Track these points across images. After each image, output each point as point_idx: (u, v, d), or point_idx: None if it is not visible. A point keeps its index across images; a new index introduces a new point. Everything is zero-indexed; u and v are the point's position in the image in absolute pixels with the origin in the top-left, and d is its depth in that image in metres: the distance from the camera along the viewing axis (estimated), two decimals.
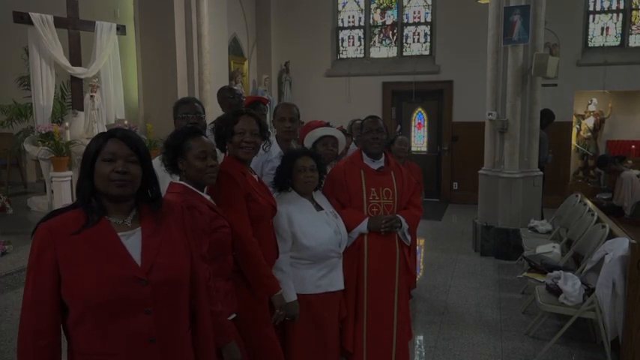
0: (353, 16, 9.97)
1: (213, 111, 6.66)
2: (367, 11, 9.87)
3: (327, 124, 3.19)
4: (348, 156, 3.19)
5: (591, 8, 8.86)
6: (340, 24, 10.02)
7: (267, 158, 2.79)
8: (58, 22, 6.08)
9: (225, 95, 4.27)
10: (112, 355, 1.42)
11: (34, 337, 1.42)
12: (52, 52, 6.00)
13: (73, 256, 1.41)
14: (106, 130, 1.89)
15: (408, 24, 9.73)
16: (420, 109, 9.87)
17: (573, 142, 9.22)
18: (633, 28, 8.78)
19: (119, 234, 1.47)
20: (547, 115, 5.97)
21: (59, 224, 1.45)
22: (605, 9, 8.86)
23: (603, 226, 3.94)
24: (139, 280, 1.44)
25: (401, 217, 2.82)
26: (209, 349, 1.69)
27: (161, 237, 1.53)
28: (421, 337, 3.87)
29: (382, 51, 9.91)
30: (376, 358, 2.81)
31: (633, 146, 8.95)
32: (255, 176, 2.42)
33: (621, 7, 8.79)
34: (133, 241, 1.49)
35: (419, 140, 9.94)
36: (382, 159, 2.91)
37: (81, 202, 1.48)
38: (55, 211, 1.53)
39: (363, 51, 9.96)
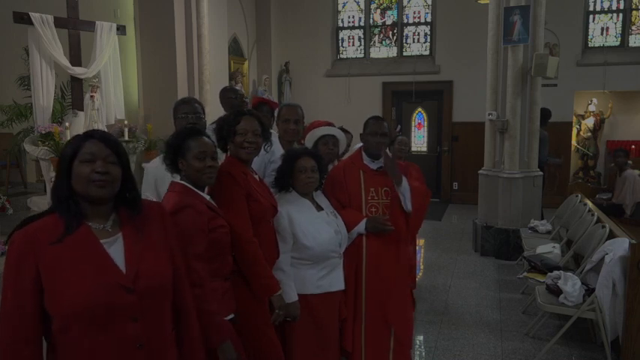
0: (353, 16, 9.96)
1: (213, 111, 6.66)
2: (367, 11, 9.87)
3: (331, 125, 3.19)
4: (348, 156, 3.19)
5: (591, 8, 8.86)
6: (340, 24, 10.02)
7: (270, 159, 2.79)
8: (58, 22, 6.08)
9: (228, 96, 4.29)
10: None
11: (14, 348, 1.36)
12: (52, 52, 6.00)
13: (56, 265, 1.36)
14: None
15: (407, 24, 9.73)
16: (420, 109, 9.87)
17: (573, 142, 9.22)
18: (633, 28, 8.78)
19: (101, 241, 1.44)
20: (543, 113, 5.97)
21: (37, 231, 1.39)
22: (605, 9, 8.87)
23: (603, 227, 3.94)
24: (124, 289, 1.41)
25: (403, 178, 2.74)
26: (196, 350, 1.68)
27: (144, 243, 1.50)
28: (421, 337, 3.87)
29: (382, 51, 9.91)
30: (374, 358, 2.81)
31: (633, 146, 8.95)
32: (257, 176, 2.42)
33: (621, 7, 8.79)
34: (115, 249, 1.45)
35: (419, 140, 9.94)
36: (382, 159, 2.90)
37: (58, 206, 1.43)
38: (30, 217, 1.47)
39: (363, 51, 9.96)
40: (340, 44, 10.05)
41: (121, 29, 6.75)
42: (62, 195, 1.42)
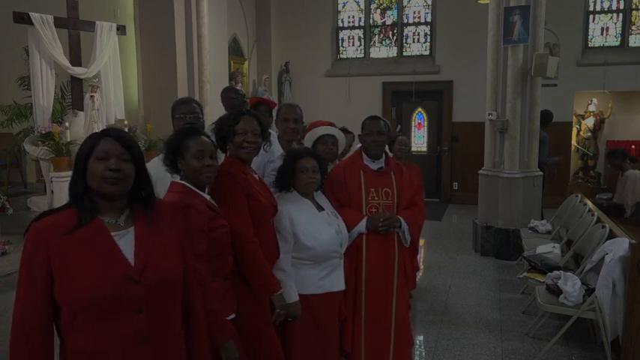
0: (353, 16, 9.97)
1: (213, 111, 6.66)
2: (367, 11, 9.87)
3: (332, 125, 3.19)
4: (348, 156, 3.19)
5: (591, 8, 8.86)
6: (340, 24, 10.02)
7: (270, 159, 2.79)
8: (58, 22, 6.09)
9: (230, 95, 4.30)
10: (104, 355, 1.42)
11: (26, 336, 1.41)
12: (52, 52, 6.00)
13: (66, 257, 1.41)
14: None
15: (407, 24, 9.73)
16: (420, 109, 9.87)
17: (573, 142, 9.22)
18: (633, 28, 8.79)
19: (112, 233, 1.47)
20: (544, 116, 5.97)
21: (52, 224, 1.44)
22: (605, 9, 8.87)
23: (603, 227, 3.94)
24: (131, 280, 1.43)
25: (400, 217, 2.81)
26: (203, 349, 1.68)
27: (154, 238, 1.53)
28: (421, 337, 3.87)
29: (382, 51, 9.91)
30: (374, 358, 2.81)
31: (633, 146, 8.95)
32: (256, 176, 2.42)
33: (621, 7, 8.79)
34: (126, 241, 1.48)
35: (419, 140, 9.94)
36: (382, 159, 2.90)
37: (73, 201, 1.47)
38: (48, 211, 1.53)
39: (363, 51, 9.96)
40: (340, 44, 10.05)
41: (121, 29, 6.75)
42: (77, 191, 1.47)
